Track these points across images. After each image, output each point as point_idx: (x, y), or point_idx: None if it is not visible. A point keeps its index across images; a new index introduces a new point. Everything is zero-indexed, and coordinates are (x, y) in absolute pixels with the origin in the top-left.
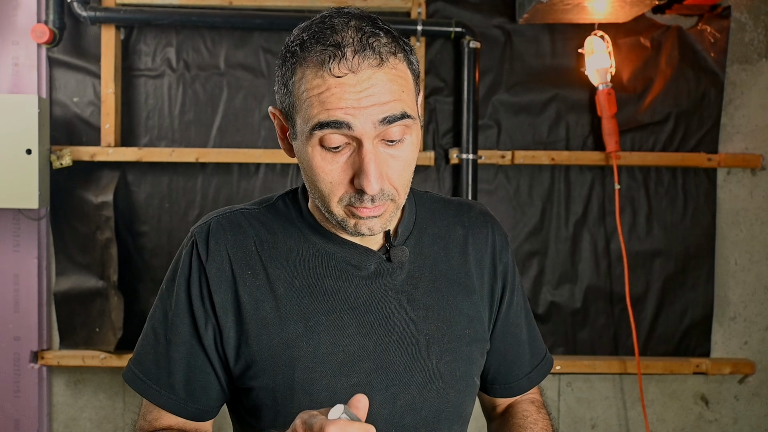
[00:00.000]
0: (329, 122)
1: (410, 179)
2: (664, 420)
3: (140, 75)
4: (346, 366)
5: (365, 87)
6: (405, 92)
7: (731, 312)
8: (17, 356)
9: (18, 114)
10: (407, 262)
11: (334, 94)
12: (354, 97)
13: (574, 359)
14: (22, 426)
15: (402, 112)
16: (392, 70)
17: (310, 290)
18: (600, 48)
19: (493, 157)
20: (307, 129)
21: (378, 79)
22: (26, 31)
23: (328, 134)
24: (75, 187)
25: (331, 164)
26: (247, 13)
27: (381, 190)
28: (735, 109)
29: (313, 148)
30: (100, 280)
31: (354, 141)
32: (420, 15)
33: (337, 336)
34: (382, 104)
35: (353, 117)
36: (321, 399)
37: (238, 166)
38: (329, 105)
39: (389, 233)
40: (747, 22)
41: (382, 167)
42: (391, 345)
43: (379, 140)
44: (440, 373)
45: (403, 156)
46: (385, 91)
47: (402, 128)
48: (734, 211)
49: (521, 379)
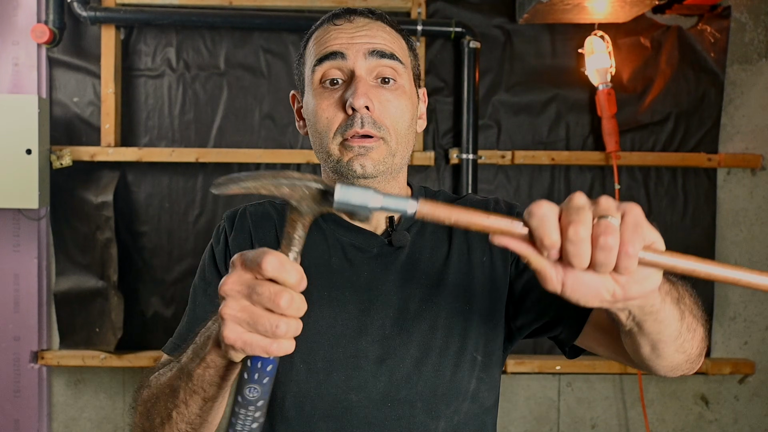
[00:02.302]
0: (326, 54)
1: (406, 132)
2: (664, 420)
3: (140, 75)
4: (343, 338)
5: (359, 29)
6: (396, 46)
7: (731, 312)
8: (17, 356)
9: (18, 114)
10: (409, 245)
11: (332, 35)
12: (348, 35)
13: (574, 359)
14: (22, 426)
15: (392, 53)
16: (386, 28)
17: (317, 269)
18: (600, 48)
19: (493, 157)
20: (310, 71)
21: (372, 27)
22: (26, 31)
23: (326, 69)
24: (75, 187)
25: (329, 99)
26: (247, 13)
27: (370, 117)
28: (735, 109)
29: (315, 90)
30: (100, 280)
31: (349, 77)
32: (420, 15)
33: (336, 311)
34: (373, 42)
35: (346, 48)
36: (318, 368)
37: (238, 166)
38: (327, 43)
39: (393, 219)
40: (747, 22)
41: (372, 93)
42: (387, 320)
43: (373, 77)
44: (434, 347)
45: (395, 100)
46: (376, 35)
47: (393, 71)
48: (734, 211)
49: None
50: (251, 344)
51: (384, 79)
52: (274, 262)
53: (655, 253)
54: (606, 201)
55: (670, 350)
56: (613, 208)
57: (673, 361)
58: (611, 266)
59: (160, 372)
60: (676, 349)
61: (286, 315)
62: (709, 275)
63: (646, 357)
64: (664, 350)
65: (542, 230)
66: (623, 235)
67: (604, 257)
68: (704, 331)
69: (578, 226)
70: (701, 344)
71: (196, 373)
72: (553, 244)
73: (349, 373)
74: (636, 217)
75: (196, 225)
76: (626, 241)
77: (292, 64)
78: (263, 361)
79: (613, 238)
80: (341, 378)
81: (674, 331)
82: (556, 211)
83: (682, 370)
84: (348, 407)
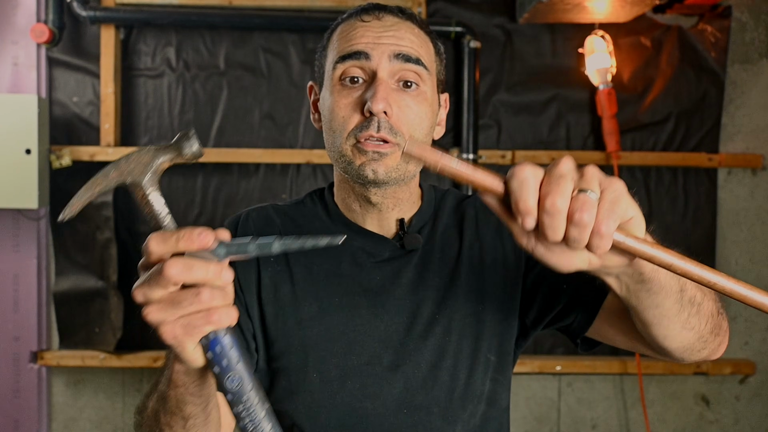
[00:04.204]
0: (350, 53)
1: (423, 139)
2: (664, 420)
3: (140, 75)
4: (356, 345)
5: (387, 29)
6: (423, 51)
7: (732, 312)
8: (17, 356)
9: (17, 114)
10: (421, 249)
11: (358, 32)
12: (375, 34)
13: (575, 359)
14: (22, 426)
15: (417, 57)
16: (414, 29)
17: (326, 275)
18: (600, 48)
19: (493, 157)
20: (331, 66)
21: (400, 27)
22: (26, 30)
23: (348, 66)
24: (74, 187)
25: (347, 98)
26: (247, 12)
27: (387, 123)
28: (736, 108)
29: (333, 86)
30: (99, 280)
31: (370, 77)
32: (420, 14)
33: (348, 317)
34: (399, 44)
35: (372, 49)
36: (332, 377)
37: (237, 166)
38: (352, 40)
39: (403, 222)
40: (747, 22)
41: (392, 97)
42: (401, 326)
43: (395, 81)
44: (449, 351)
45: (415, 107)
46: (404, 37)
47: (416, 76)
48: (735, 211)
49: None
50: (189, 325)
51: (406, 82)
52: (178, 268)
53: (631, 239)
54: (590, 172)
55: (675, 327)
56: (595, 181)
57: (683, 340)
58: (584, 243)
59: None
60: (682, 326)
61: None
62: (685, 272)
63: (657, 338)
64: (669, 327)
65: (519, 194)
66: (599, 211)
67: (577, 233)
68: (715, 306)
69: (555, 197)
70: (712, 320)
71: (169, 395)
72: (528, 210)
73: (364, 381)
74: (616, 192)
75: (196, 225)
76: (601, 218)
77: (293, 64)
78: (216, 341)
79: (589, 215)
80: (356, 386)
81: (674, 303)
82: (539, 177)
83: (698, 351)
84: (363, 415)
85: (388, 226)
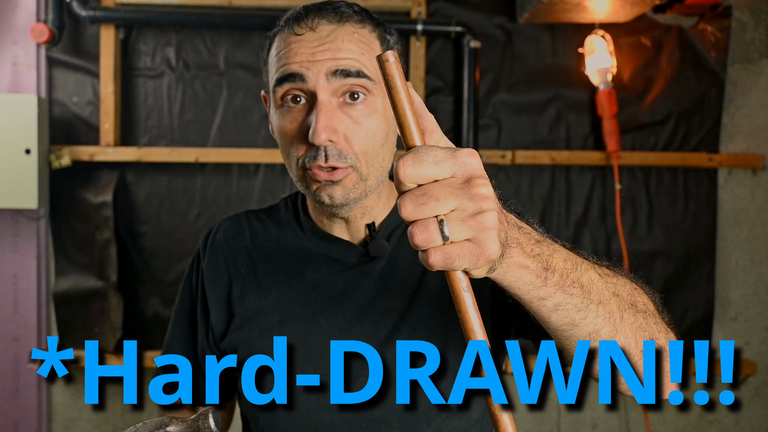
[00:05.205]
0: (286, 76)
1: (378, 152)
2: (665, 421)
3: (139, 74)
4: (314, 356)
5: (322, 42)
6: (366, 57)
7: (732, 312)
8: (16, 356)
9: (17, 114)
10: (389, 254)
11: (292, 50)
12: (309, 51)
13: None
14: (22, 426)
15: (358, 70)
16: (353, 33)
17: (291, 283)
18: (601, 47)
19: (493, 157)
20: (272, 87)
21: (336, 36)
22: (25, 30)
23: (286, 90)
24: (74, 187)
25: (291, 123)
26: (246, 12)
27: (335, 149)
28: (736, 108)
29: (277, 108)
30: (99, 280)
31: (311, 97)
32: (420, 14)
33: (309, 326)
34: (336, 59)
35: (306, 69)
36: (290, 388)
37: (237, 166)
38: (287, 60)
39: (372, 227)
40: (748, 22)
41: (335, 122)
42: (362, 335)
43: (338, 97)
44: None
45: (364, 121)
46: (341, 48)
47: (361, 90)
48: (735, 211)
49: None
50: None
51: (353, 94)
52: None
53: (465, 282)
54: (442, 192)
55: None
56: (457, 220)
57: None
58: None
59: None
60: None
61: None
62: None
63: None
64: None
65: (400, 197)
66: (445, 250)
67: (420, 255)
68: (654, 320)
69: (414, 228)
70: (658, 336)
71: None
72: (405, 217)
73: (322, 392)
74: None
75: (196, 225)
76: (438, 261)
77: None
78: None
79: (433, 257)
80: (313, 397)
81: (583, 320)
82: (420, 178)
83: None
84: (320, 427)
85: (357, 232)
